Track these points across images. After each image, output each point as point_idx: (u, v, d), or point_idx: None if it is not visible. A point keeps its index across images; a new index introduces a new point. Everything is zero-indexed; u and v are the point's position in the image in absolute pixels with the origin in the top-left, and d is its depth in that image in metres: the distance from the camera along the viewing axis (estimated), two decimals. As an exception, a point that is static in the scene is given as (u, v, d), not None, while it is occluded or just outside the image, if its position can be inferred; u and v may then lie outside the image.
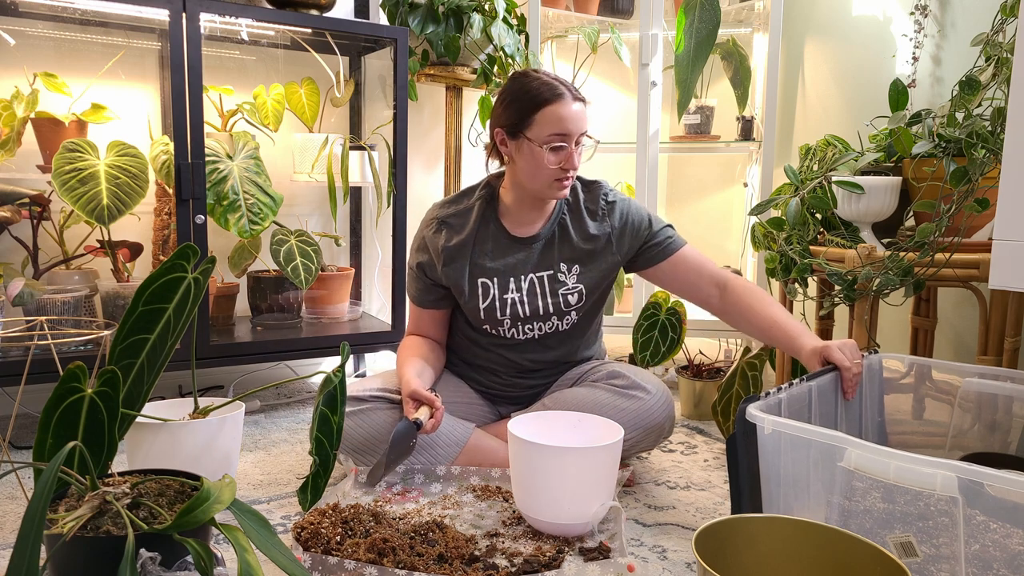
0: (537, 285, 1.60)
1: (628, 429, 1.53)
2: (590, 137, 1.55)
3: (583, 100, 1.52)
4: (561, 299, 1.60)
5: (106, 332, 1.44)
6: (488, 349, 1.67)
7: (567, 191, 1.54)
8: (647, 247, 1.63)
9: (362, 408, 1.53)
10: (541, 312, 1.61)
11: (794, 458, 1.09)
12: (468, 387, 1.72)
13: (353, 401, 1.53)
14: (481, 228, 1.62)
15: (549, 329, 1.63)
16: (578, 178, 1.68)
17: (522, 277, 1.60)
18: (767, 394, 1.16)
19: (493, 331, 1.62)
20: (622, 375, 1.61)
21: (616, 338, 2.94)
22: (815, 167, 1.94)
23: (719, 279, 1.61)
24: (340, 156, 2.13)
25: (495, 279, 1.60)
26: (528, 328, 1.62)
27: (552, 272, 1.61)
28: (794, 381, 1.22)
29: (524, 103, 1.49)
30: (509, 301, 1.59)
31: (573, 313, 1.63)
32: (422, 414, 1.44)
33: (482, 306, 1.60)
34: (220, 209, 1.88)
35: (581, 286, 1.61)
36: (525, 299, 1.60)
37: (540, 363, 1.67)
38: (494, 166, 1.66)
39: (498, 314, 1.60)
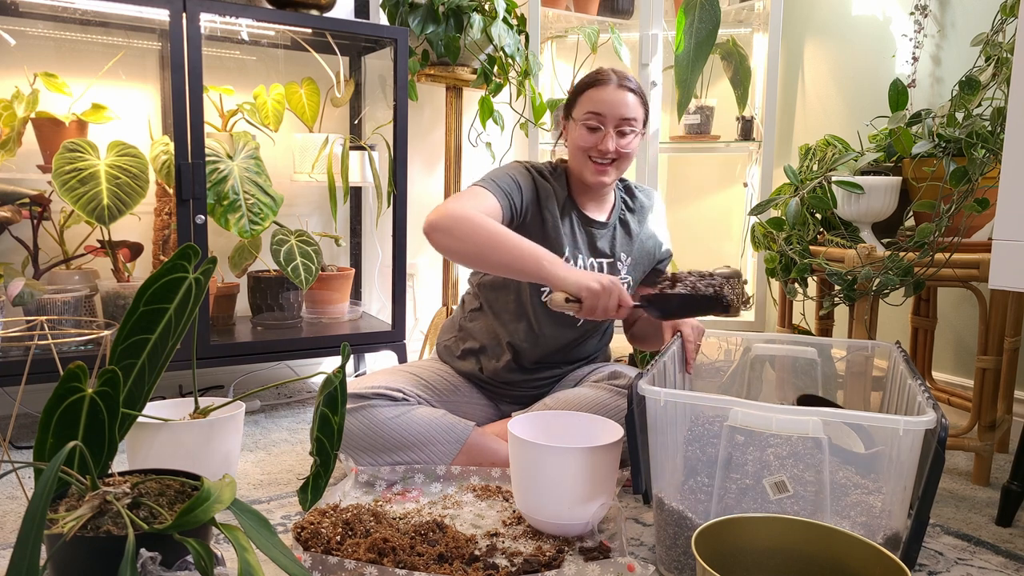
0: (597, 269, 1.66)
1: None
2: (635, 130, 1.57)
3: (635, 92, 1.56)
4: None
5: (106, 332, 1.44)
6: (518, 319, 1.65)
7: (606, 177, 1.58)
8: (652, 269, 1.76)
9: (363, 405, 1.53)
10: None
11: (683, 423, 1.21)
12: (471, 386, 1.72)
13: (354, 398, 1.53)
14: (563, 197, 1.63)
15: None
16: (637, 185, 1.77)
17: (585, 256, 1.65)
18: (641, 375, 1.27)
19: (541, 287, 1.61)
20: (623, 375, 1.63)
21: (616, 338, 2.93)
22: (815, 167, 1.94)
23: None
24: (340, 156, 2.13)
25: (565, 249, 1.62)
26: None
27: (612, 260, 1.68)
28: (653, 360, 1.36)
29: (577, 87, 1.61)
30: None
31: None
32: None
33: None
34: (220, 209, 1.88)
35: (630, 278, 1.70)
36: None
37: (557, 345, 1.68)
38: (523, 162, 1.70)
39: None
